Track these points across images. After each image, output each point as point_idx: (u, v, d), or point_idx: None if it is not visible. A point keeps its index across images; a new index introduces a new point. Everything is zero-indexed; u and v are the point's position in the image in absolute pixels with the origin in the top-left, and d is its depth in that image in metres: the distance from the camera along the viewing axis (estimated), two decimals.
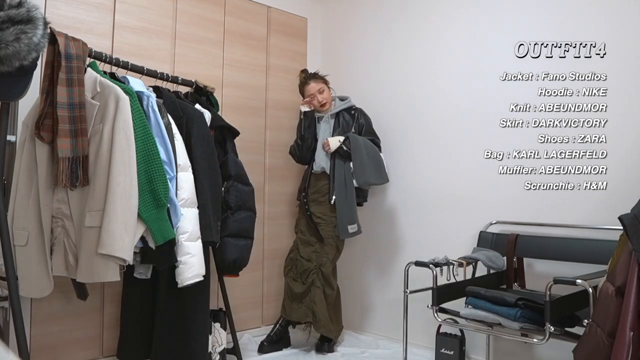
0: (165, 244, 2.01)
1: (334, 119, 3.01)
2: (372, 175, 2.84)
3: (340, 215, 2.83)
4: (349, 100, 3.06)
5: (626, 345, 1.45)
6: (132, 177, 1.90)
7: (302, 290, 2.89)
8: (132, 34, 2.66)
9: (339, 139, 2.88)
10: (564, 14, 2.48)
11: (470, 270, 2.43)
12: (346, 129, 2.96)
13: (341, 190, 2.84)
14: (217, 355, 2.46)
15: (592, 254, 2.22)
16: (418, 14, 3.06)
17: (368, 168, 2.83)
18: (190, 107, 2.38)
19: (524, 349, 2.49)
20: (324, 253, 2.91)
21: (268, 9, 3.32)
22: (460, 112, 2.82)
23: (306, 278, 2.90)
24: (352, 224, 2.83)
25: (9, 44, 1.61)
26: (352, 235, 2.86)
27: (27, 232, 1.94)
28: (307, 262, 2.90)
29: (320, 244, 2.92)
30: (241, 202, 2.48)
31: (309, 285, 2.88)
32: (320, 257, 2.90)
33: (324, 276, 2.90)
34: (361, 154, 2.83)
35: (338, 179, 2.85)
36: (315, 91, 2.97)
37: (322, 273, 2.89)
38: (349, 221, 2.83)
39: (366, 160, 2.83)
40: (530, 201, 2.52)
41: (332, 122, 3.01)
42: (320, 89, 2.98)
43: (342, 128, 2.96)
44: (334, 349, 2.94)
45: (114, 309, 2.55)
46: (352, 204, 2.85)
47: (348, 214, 2.83)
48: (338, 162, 2.87)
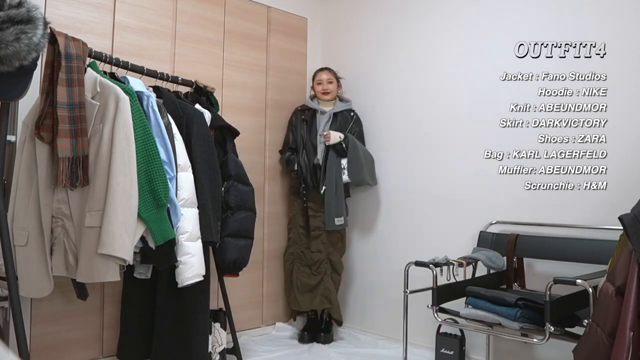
0: (165, 244, 2.01)
1: (333, 117, 3.14)
2: (367, 175, 3.03)
3: (328, 208, 2.98)
4: (350, 103, 3.22)
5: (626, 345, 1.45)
6: (132, 177, 1.90)
7: (315, 281, 3.07)
8: (132, 34, 2.66)
9: (339, 134, 3.02)
10: (564, 14, 2.48)
11: (470, 270, 2.43)
12: (343, 127, 3.10)
13: (331, 184, 2.99)
14: (217, 355, 2.46)
15: (592, 254, 2.21)
16: (418, 13, 3.06)
17: (364, 167, 3.01)
18: (190, 107, 2.38)
19: (524, 349, 2.49)
20: (330, 243, 3.08)
21: (268, 9, 3.32)
22: (460, 112, 2.82)
23: (317, 269, 3.07)
24: (339, 217, 2.98)
25: (9, 44, 1.61)
26: (338, 227, 3.00)
27: (27, 232, 1.94)
28: (317, 254, 3.07)
29: (327, 235, 3.07)
30: (241, 202, 2.48)
31: (322, 276, 3.06)
32: (327, 247, 3.07)
33: (333, 264, 3.10)
34: (358, 153, 3.00)
35: (329, 173, 3.00)
36: (325, 79, 3.19)
37: (331, 262, 3.09)
38: (337, 214, 2.98)
39: (362, 160, 3.01)
40: (530, 201, 2.52)
41: (331, 119, 3.15)
42: (330, 79, 3.21)
43: (339, 126, 3.11)
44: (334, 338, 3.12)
45: (114, 309, 2.55)
46: (341, 198, 3.01)
47: (336, 207, 2.98)
48: (332, 156, 3.02)
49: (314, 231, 3.10)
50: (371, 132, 3.23)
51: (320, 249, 3.08)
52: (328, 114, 3.15)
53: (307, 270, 3.10)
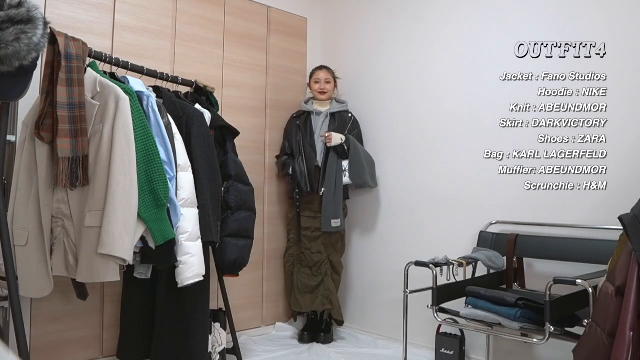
0: (165, 244, 2.01)
1: (331, 117, 3.15)
2: (368, 177, 3.04)
3: (326, 209, 2.98)
4: (346, 104, 3.23)
5: (626, 345, 1.45)
6: (132, 177, 1.90)
7: (316, 282, 3.07)
8: (132, 34, 2.66)
9: (341, 136, 3.02)
10: (564, 14, 2.48)
11: (470, 270, 2.43)
12: (341, 128, 3.10)
13: (330, 186, 2.98)
14: (217, 355, 2.46)
15: (592, 254, 2.21)
16: (418, 13, 3.06)
17: (366, 169, 3.01)
18: (190, 107, 2.38)
19: (524, 349, 2.48)
20: (330, 244, 3.08)
21: (268, 9, 3.32)
22: (460, 112, 2.81)
23: (318, 270, 3.07)
24: (336, 219, 2.98)
25: (9, 44, 1.61)
26: (334, 229, 3.00)
27: (27, 232, 1.94)
28: (317, 255, 3.07)
29: (327, 235, 3.07)
30: (241, 202, 2.48)
31: (322, 276, 3.06)
32: (327, 248, 3.07)
33: (333, 265, 3.10)
34: (360, 155, 3.00)
35: (329, 174, 3.00)
36: (323, 79, 3.18)
37: (331, 262, 3.10)
38: (334, 216, 2.98)
39: (364, 162, 3.01)
40: (530, 201, 2.52)
41: (328, 119, 3.15)
42: (328, 79, 3.21)
43: (337, 126, 3.11)
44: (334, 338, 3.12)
45: (114, 309, 2.55)
46: (339, 200, 3.01)
47: (333, 209, 2.98)
48: (332, 157, 3.02)
49: (313, 232, 3.10)
50: (371, 131, 3.23)
51: (320, 249, 3.08)
52: (324, 114, 3.15)
53: (307, 272, 3.10)
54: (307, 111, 3.19)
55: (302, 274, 3.11)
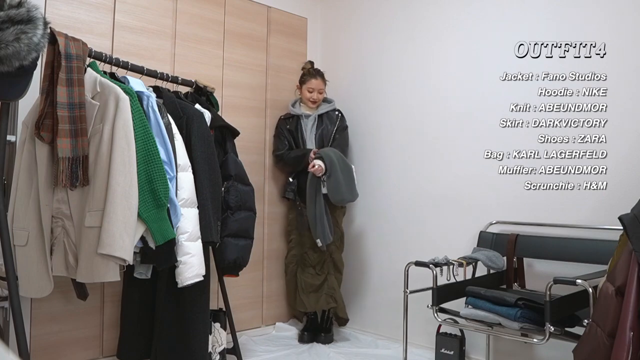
0: (165, 244, 2.01)
1: (318, 118, 3.15)
2: (346, 194, 2.95)
3: (313, 229, 2.94)
4: (333, 103, 3.21)
5: (626, 345, 1.45)
6: (132, 177, 1.90)
7: (319, 281, 3.06)
8: (132, 34, 2.66)
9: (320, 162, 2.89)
10: (564, 14, 2.48)
11: (470, 270, 2.43)
12: (329, 127, 3.11)
13: (311, 207, 2.94)
14: (217, 355, 2.46)
15: (592, 254, 2.21)
16: (418, 14, 3.06)
17: (342, 186, 2.92)
18: (190, 107, 2.38)
19: (524, 349, 2.48)
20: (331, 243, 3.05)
21: (268, 9, 3.32)
22: (460, 112, 2.82)
23: (321, 268, 3.07)
24: (322, 237, 2.93)
25: (9, 44, 1.61)
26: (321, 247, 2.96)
27: (27, 232, 1.94)
28: (320, 253, 3.06)
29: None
30: (241, 202, 2.48)
31: (325, 275, 3.06)
32: (329, 246, 3.04)
33: (335, 262, 3.10)
34: (337, 175, 2.90)
35: (309, 197, 2.94)
36: (317, 89, 3.13)
37: (334, 260, 3.09)
38: (316, 236, 2.93)
39: (341, 180, 2.92)
40: (530, 201, 2.52)
41: (316, 122, 3.15)
42: (321, 89, 3.16)
43: (325, 127, 3.12)
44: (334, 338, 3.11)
45: (114, 309, 2.55)
46: (322, 218, 2.93)
47: (318, 227, 2.92)
48: (311, 178, 2.93)
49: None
50: (371, 131, 3.23)
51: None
52: (312, 117, 3.14)
53: (311, 271, 3.09)
54: (296, 115, 3.16)
55: (306, 274, 3.09)
